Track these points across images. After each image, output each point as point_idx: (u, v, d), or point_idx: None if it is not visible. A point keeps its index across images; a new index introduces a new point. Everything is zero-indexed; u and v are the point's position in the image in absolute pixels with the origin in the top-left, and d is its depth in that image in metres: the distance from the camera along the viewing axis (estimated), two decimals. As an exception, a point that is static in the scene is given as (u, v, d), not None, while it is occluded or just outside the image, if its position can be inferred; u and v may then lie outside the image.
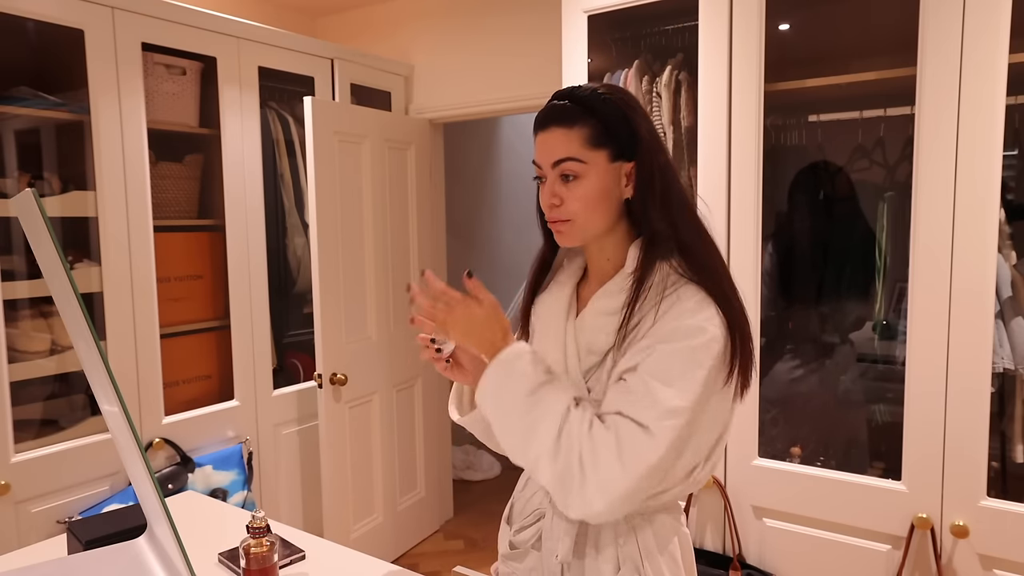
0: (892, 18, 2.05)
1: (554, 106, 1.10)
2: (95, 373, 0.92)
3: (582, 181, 1.07)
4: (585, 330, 1.13)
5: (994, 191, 1.63)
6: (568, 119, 1.07)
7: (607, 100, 1.08)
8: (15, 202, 0.93)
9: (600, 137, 1.07)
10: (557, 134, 1.08)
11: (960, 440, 1.70)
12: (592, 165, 1.07)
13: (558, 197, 1.08)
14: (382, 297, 3.06)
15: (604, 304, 1.10)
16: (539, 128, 1.11)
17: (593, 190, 1.07)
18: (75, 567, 1.18)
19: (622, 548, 1.10)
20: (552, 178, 1.09)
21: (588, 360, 1.12)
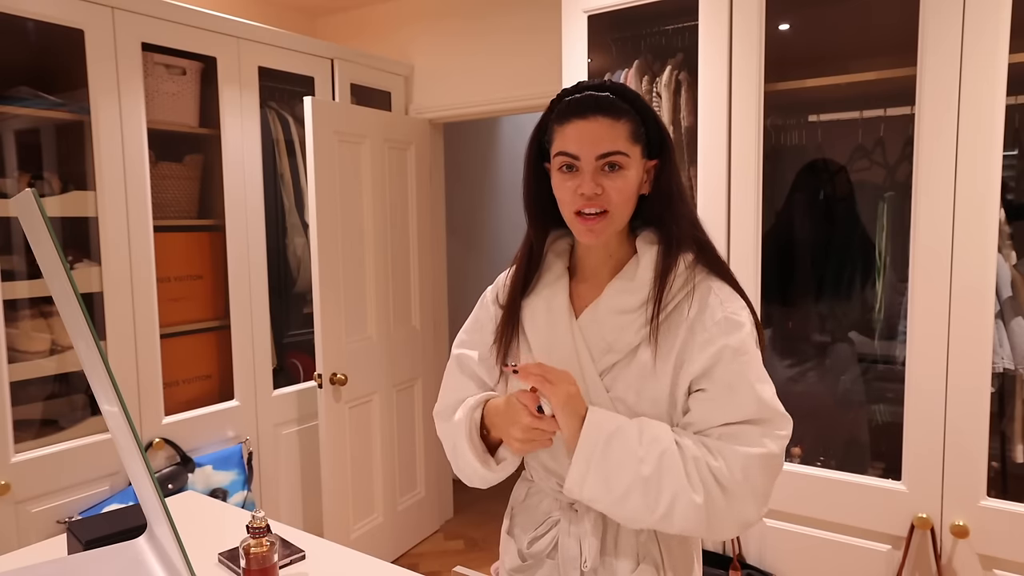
0: (892, 18, 2.05)
1: (598, 96, 1.06)
2: (95, 373, 0.92)
3: (624, 173, 1.06)
4: (600, 329, 1.11)
5: (994, 191, 1.63)
6: (615, 111, 1.05)
7: (640, 99, 1.09)
8: (15, 202, 0.93)
9: (639, 133, 1.07)
10: (604, 124, 1.05)
11: (960, 440, 1.70)
12: (632, 159, 1.06)
13: (600, 186, 1.05)
14: (382, 297, 3.06)
15: (622, 301, 1.10)
16: (577, 115, 1.06)
17: (631, 184, 1.07)
18: (75, 567, 1.18)
19: (643, 545, 1.11)
20: (593, 168, 1.05)
21: (605, 360, 1.10)
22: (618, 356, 1.09)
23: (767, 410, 1.04)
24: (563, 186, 1.08)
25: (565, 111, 1.07)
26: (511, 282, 1.22)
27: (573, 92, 1.09)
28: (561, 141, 1.07)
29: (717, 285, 1.10)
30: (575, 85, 1.11)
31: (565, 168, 1.07)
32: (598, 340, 1.11)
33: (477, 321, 1.29)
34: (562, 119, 1.07)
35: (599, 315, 1.11)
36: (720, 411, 1.04)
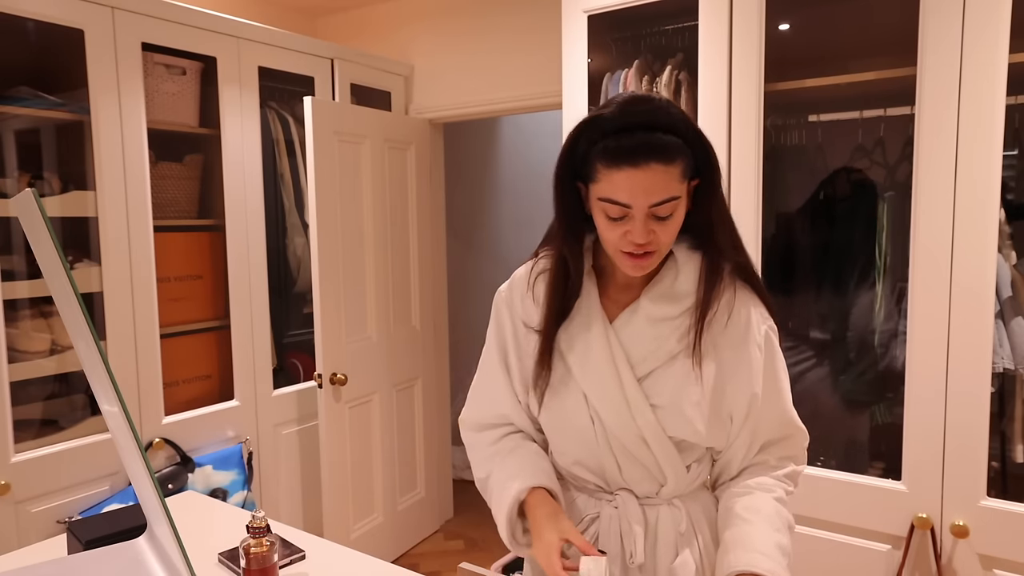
0: (892, 18, 2.04)
1: (650, 138, 0.97)
2: (95, 373, 0.92)
3: (675, 216, 1.02)
4: (639, 336, 1.10)
5: (994, 191, 1.63)
6: (670, 155, 0.97)
7: (690, 125, 1.02)
8: (15, 202, 0.93)
9: (688, 166, 1.01)
10: (658, 172, 0.97)
11: (960, 440, 1.70)
12: (682, 196, 1.02)
13: (652, 232, 1.01)
14: (382, 297, 3.06)
15: (663, 309, 1.10)
16: (627, 162, 0.97)
17: (680, 219, 1.04)
18: (75, 567, 1.18)
19: (682, 536, 1.14)
20: (645, 215, 0.99)
21: (644, 367, 1.10)
22: (657, 363, 1.10)
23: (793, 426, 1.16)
24: (611, 229, 1.03)
25: (615, 154, 0.97)
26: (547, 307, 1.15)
27: (619, 128, 0.98)
28: (609, 187, 0.99)
29: (753, 297, 1.13)
30: (620, 112, 0.99)
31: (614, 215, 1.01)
32: (636, 347, 1.10)
33: (499, 326, 1.24)
34: (610, 162, 0.98)
35: (637, 322, 1.11)
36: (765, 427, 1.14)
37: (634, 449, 1.12)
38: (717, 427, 1.11)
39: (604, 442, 1.13)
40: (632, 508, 1.13)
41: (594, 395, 1.12)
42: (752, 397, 1.10)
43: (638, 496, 1.14)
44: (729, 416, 1.11)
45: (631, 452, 1.12)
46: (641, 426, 1.10)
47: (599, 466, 1.15)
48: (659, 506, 1.14)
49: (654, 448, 1.11)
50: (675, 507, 1.14)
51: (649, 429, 1.10)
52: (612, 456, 1.13)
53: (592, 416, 1.13)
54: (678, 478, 1.13)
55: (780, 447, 1.15)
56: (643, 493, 1.15)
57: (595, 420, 1.13)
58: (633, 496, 1.14)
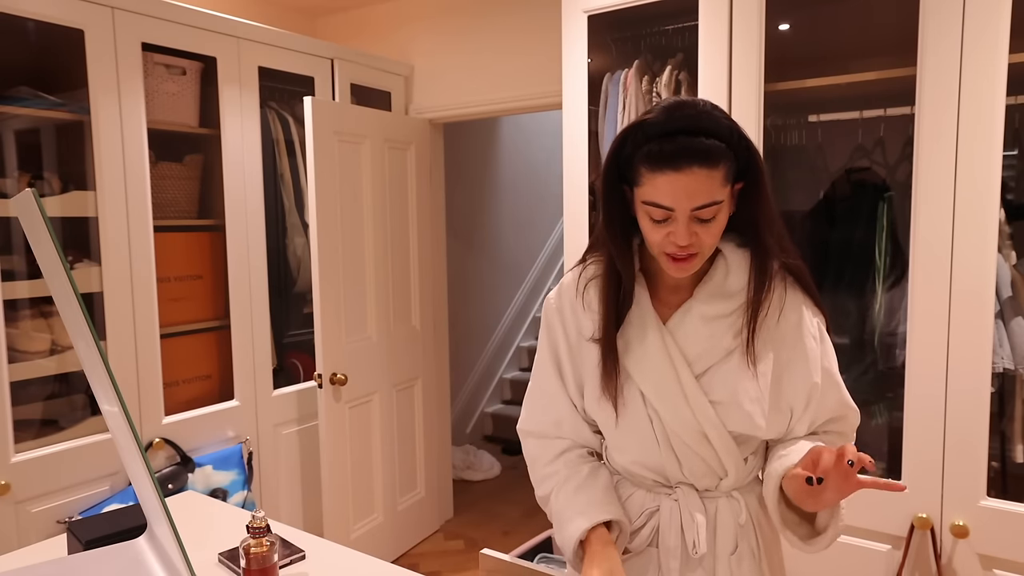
0: (892, 18, 2.05)
1: (693, 142, 0.99)
2: (95, 373, 0.92)
3: (718, 218, 1.04)
4: (694, 335, 1.12)
5: (994, 191, 1.63)
6: (712, 159, 0.99)
7: (734, 129, 1.03)
8: (15, 202, 0.93)
9: (731, 169, 1.03)
10: (700, 176, 0.99)
11: (960, 440, 1.70)
12: (725, 201, 1.04)
13: (695, 234, 1.03)
14: (382, 297, 3.06)
15: (716, 307, 1.12)
16: (670, 166, 0.99)
17: (723, 225, 1.06)
18: (75, 567, 1.18)
19: (741, 529, 1.16)
20: (688, 218, 1.01)
21: (700, 364, 1.12)
22: (713, 360, 1.12)
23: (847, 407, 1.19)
24: (654, 232, 1.05)
25: (658, 158, 1.00)
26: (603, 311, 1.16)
27: (662, 133, 1.00)
28: (652, 191, 1.02)
29: (802, 294, 1.15)
30: (664, 117, 1.02)
31: (658, 218, 1.04)
32: (692, 345, 1.12)
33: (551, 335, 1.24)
34: (653, 166, 1.00)
35: (691, 321, 1.13)
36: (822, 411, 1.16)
37: (695, 445, 1.13)
38: (777, 420, 1.14)
39: (664, 440, 1.15)
40: (693, 500, 1.15)
41: (653, 394, 1.13)
42: (812, 387, 1.13)
43: (699, 490, 1.17)
44: (789, 408, 1.14)
45: (692, 448, 1.14)
46: (702, 422, 1.12)
47: (658, 463, 1.17)
48: (718, 498, 1.16)
49: (715, 443, 1.13)
50: (734, 499, 1.16)
51: (710, 425, 1.12)
52: (672, 453, 1.15)
53: (651, 415, 1.14)
54: (738, 471, 1.15)
55: (831, 424, 1.19)
56: (703, 487, 1.16)
57: (653, 419, 1.14)
58: (693, 490, 1.16)
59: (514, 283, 4.99)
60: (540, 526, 3.42)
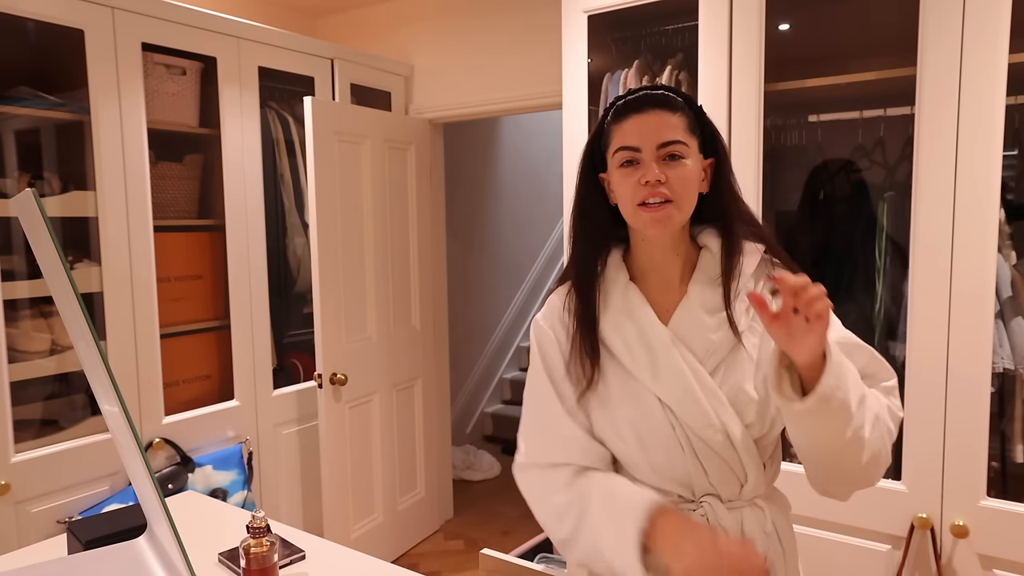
0: (892, 18, 2.05)
1: (651, 93, 1.10)
2: (95, 373, 0.92)
3: (685, 163, 1.08)
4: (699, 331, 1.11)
5: (994, 191, 1.63)
6: (671, 105, 1.09)
7: (691, 98, 1.13)
8: (15, 202, 0.93)
9: (694, 127, 1.11)
10: (663, 116, 1.08)
11: (960, 440, 1.70)
12: (692, 150, 1.09)
13: (664, 175, 1.06)
14: (382, 297, 3.06)
15: (709, 298, 1.12)
16: (634, 111, 1.09)
17: (693, 173, 1.09)
18: (75, 567, 1.18)
19: (767, 536, 1.14)
20: (654, 158, 1.07)
21: (711, 361, 1.10)
22: (723, 354, 1.11)
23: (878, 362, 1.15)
24: (625, 181, 1.09)
25: (622, 110, 1.11)
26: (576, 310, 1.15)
27: (627, 95, 1.13)
28: (620, 137, 1.10)
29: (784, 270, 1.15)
30: (629, 89, 1.15)
31: (626, 163, 1.09)
32: (699, 342, 1.11)
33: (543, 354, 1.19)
34: (619, 117, 1.11)
35: (693, 317, 1.11)
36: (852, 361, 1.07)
37: (718, 447, 1.09)
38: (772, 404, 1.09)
39: (688, 446, 1.10)
40: (720, 511, 1.12)
41: (670, 398, 1.10)
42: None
43: (723, 500, 1.13)
44: None
45: (715, 450, 1.10)
46: (723, 419, 1.08)
47: (684, 473, 1.12)
48: (743, 508, 1.13)
49: (736, 441, 1.09)
50: (758, 507, 1.14)
51: (731, 421, 1.09)
52: (697, 460, 1.11)
53: (672, 422, 1.10)
54: (757, 474, 1.12)
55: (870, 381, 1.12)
56: (727, 496, 1.13)
57: (675, 425, 1.10)
58: (719, 501, 1.13)
59: (514, 283, 4.99)
60: (540, 526, 3.42)
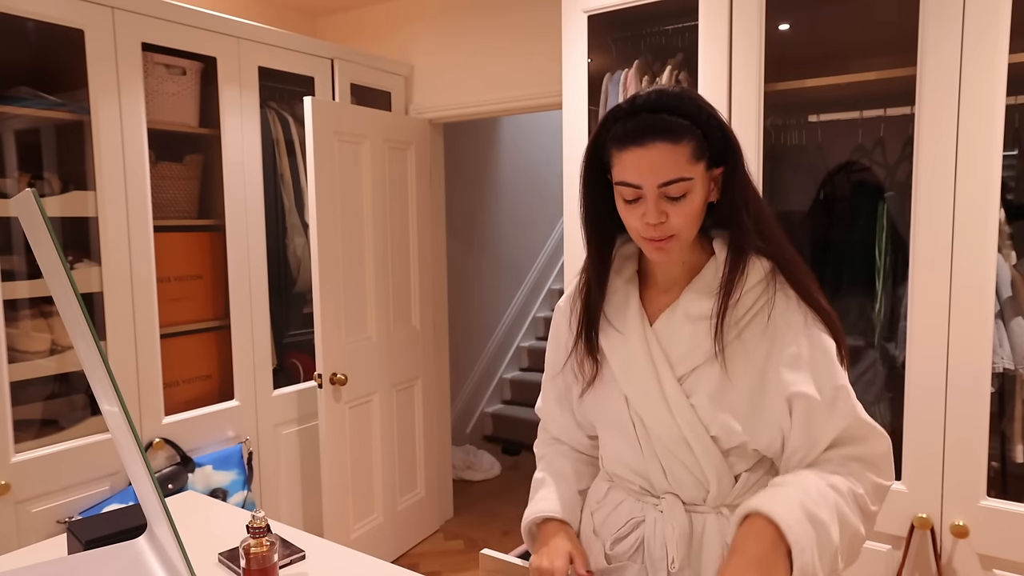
0: (892, 18, 2.05)
1: (653, 119, 1.00)
2: (95, 373, 0.92)
3: (689, 197, 1.03)
4: (676, 337, 1.10)
5: (994, 191, 1.63)
6: (674, 134, 1.00)
7: (701, 107, 1.03)
8: (15, 202, 0.93)
9: (701, 149, 1.02)
10: (662, 151, 1.00)
11: (960, 440, 1.70)
12: (696, 179, 1.03)
13: (664, 214, 1.03)
14: (382, 297, 3.06)
15: (700, 307, 1.09)
16: (633, 143, 1.01)
17: (698, 204, 1.04)
18: (75, 567, 1.18)
19: (727, 541, 1.11)
20: (656, 196, 1.02)
21: (683, 366, 1.10)
22: (697, 362, 1.09)
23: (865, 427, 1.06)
24: (628, 214, 1.06)
25: (622, 137, 1.02)
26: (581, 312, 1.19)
27: (627, 114, 1.03)
28: (620, 169, 1.03)
29: (795, 296, 1.08)
30: (629, 102, 1.04)
31: (628, 197, 1.05)
32: (675, 346, 1.10)
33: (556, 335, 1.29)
34: (619, 145, 1.03)
35: (676, 321, 1.11)
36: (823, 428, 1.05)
37: (676, 450, 1.11)
38: (761, 430, 1.07)
39: (647, 444, 1.13)
40: (677, 513, 1.12)
41: (634, 396, 1.12)
42: (802, 399, 1.04)
43: (685, 502, 1.13)
44: (777, 422, 1.07)
45: (674, 454, 1.11)
46: (682, 425, 1.09)
47: (644, 468, 1.15)
48: (707, 514, 1.12)
49: (696, 449, 1.09)
50: (723, 516, 1.11)
51: (690, 428, 1.09)
52: (656, 459, 1.13)
53: (633, 419, 1.13)
54: (721, 483, 1.10)
55: (848, 449, 1.06)
56: (689, 499, 1.13)
57: (636, 423, 1.13)
58: (679, 501, 1.13)
59: (514, 283, 4.99)
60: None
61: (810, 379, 1.04)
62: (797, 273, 1.09)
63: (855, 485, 1.03)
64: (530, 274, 5.10)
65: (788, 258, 1.09)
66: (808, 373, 1.05)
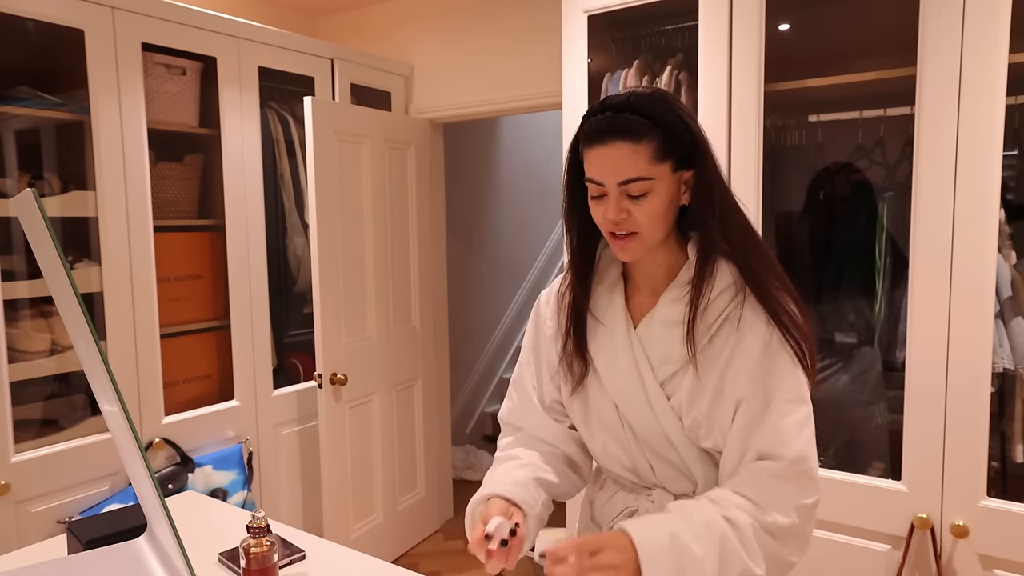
0: (892, 18, 2.05)
1: (616, 118, 1.02)
2: (95, 373, 0.92)
3: (650, 197, 1.03)
4: (656, 341, 1.12)
5: (994, 191, 1.63)
6: (634, 133, 1.01)
7: (668, 108, 1.04)
8: (15, 202, 0.93)
9: (665, 150, 1.03)
10: (623, 149, 1.01)
11: (960, 440, 1.70)
12: (659, 179, 1.03)
13: (625, 211, 1.04)
14: (382, 297, 3.06)
15: (672, 312, 1.10)
16: (597, 141, 1.03)
17: (661, 204, 1.05)
18: (75, 567, 1.18)
19: None
20: (617, 194, 1.04)
21: (665, 370, 1.11)
22: (676, 366, 1.10)
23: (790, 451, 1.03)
24: (595, 210, 1.08)
25: (588, 135, 1.05)
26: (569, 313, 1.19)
27: (596, 113, 1.06)
28: (588, 166, 1.06)
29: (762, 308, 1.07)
30: (601, 102, 1.07)
31: (594, 194, 1.07)
32: (656, 351, 1.12)
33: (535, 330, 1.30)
34: (587, 142, 1.06)
35: (655, 326, 1.12)
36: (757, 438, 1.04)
37: (662, 451, 1.14)
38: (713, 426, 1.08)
39: (635, 443, 1.15)
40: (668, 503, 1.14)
41: (621, 400, 1.14)
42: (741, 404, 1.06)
43: (674, 495, 1.16)
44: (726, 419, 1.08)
45: (660, 454, 1.14)
46: (665, 426, 1.11)
47: (633, 465, 1.18)
48: None
49: (680, 449, 1.12)
50: None
51: (673, 431, 1.11)
52: (644, 457, 1.15)
53: (622, 420, 1.16)
54: (707, 479, 1.13)
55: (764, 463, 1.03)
56: (678, 492, 1.16)
57: (625, 424, 1.16)
58: (669, 494, 1.16)
59: (514, 283, 4.98)
60: (540, 526, 3.41)
61: (760, 390, 1.05)
62: (765, 278, 1.07)
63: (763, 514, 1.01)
64: (530, 274, 5.10)
65: (756, 261, 1.08)
66: (760, 384, 1.05)
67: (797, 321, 1.07)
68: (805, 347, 1.07)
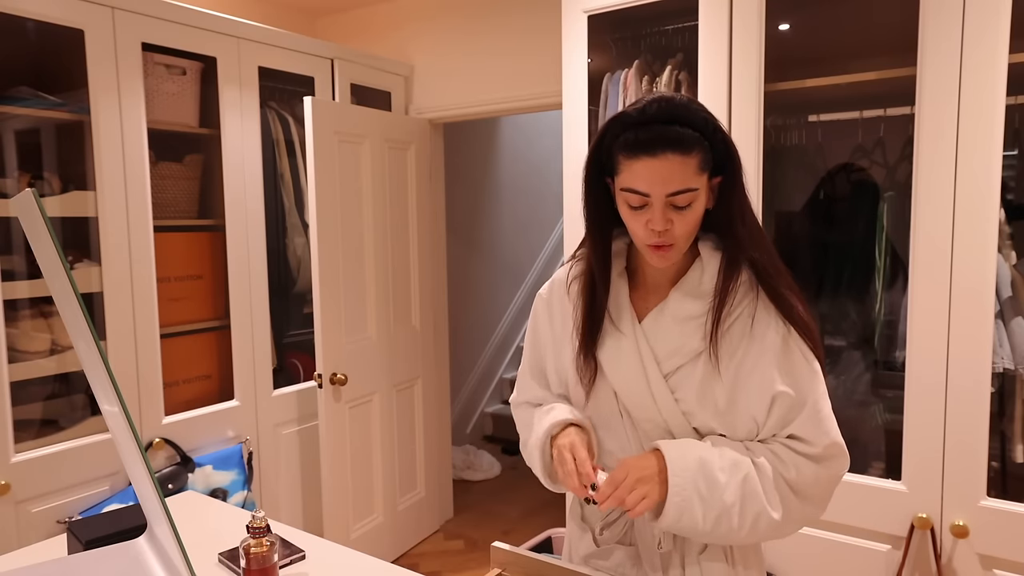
0: (892, 18, 2.05)
1: (666, 130, 1.02)
2: (95, 373, 0.92)
3: (693, 207, 1.06)
4: (664, 335, 1.13)
5: (994, 191, 1.63)
6: (684, 145, 1.02)
7: (709, 121, 1.05)
8: (15, 202, 0.93)
9: (707, 161, 1.05)
10: (674, 162, 1.02)
11: (960, 440, 1.70)
12: (701, 189, 1.06)
13: (670, 221, 1.05)
14: (382, 297, 3.06)
15: (688, 308, 1.12)
16: (645, 152, 1.02)
17: (698, 215, 1.08)
18: (75, 567, 1.18)
19: None
20: (663, 204, 1.04)
21: (670, 363, 1.13)
22: (683, 360, 1.12)
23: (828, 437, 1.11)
24: (633, 220, 1.08)
25: (634, 145, 1.03)
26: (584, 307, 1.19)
27: (637, 122, 1.04)
28: (629, 177, 1.05)
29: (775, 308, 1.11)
30: (639, 110, 1.05)
31: (635, 204, 1.07)
32: (663, 344, 1.14)
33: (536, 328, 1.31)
34: (630, 153, 1.04)
35: (664, 320, 1.14)
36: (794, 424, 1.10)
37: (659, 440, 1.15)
38: (737, 420, 1.12)
39: (634, 436, 1.17)
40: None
41: (622, 390, 1.16)
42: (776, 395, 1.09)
43: None
44: (752, 417, 1.11)
45: None
46: (667, 419, 1.14)
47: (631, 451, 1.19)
48: None
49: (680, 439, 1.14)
50: None
51: (675, 422, 1.14)
52: (643, 449, 1.17)
53: (621, 410, 1.18)
54: None
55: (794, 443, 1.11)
56: None
57: (624, 414, 1.18)
58: None
59: (514, 283, 4.98)
60: (540, 526, 3.42)
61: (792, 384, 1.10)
62: (776, 278, 1.12)
63: (787, 470, 1.08)
64: (530, 274, 5.10)
65: (768, 262, 1.12)
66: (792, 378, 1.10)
67: (807, 320, 1.12)
68: (814, 345, 1.12)
